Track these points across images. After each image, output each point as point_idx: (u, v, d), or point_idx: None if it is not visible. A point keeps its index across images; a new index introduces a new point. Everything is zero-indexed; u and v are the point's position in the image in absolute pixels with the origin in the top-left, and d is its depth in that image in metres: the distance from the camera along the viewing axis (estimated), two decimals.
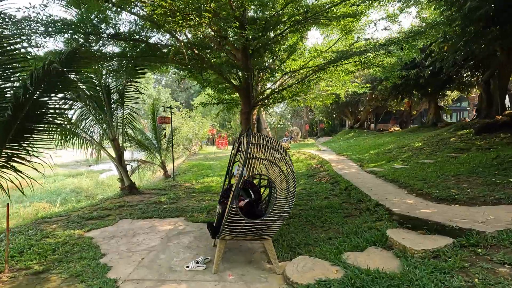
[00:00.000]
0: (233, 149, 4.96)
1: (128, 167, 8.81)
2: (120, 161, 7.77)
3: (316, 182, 7.53)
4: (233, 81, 6.03)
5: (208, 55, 5.91)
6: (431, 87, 13.27)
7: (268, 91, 7.10)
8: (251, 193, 3.93)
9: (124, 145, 8.18)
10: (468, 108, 26.35)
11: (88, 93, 7.27)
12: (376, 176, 7.13)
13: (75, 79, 4.79)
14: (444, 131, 10.09)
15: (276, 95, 6.65)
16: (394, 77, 7.25)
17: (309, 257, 3.47)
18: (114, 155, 7.80)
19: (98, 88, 7.43)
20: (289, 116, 34.91)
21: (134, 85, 8.02)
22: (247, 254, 3.83)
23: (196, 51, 5.20)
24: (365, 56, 6.31)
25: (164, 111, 10.57)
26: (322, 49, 7.92)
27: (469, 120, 15.92)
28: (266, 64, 6.79)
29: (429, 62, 12.29)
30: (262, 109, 12.69)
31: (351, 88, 12.95)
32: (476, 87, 12.80)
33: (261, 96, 6.63)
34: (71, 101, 5.58)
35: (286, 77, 7.20)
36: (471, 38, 6.48)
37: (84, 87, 7.23)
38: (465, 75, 12.18)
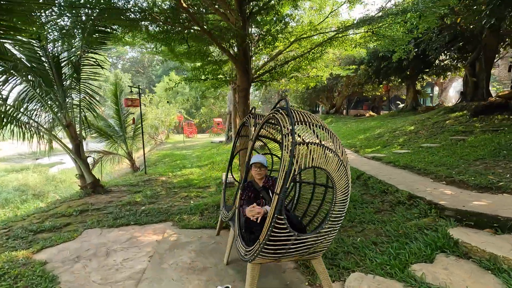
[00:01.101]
0: (238, 135, 3.88)
1: (89, 160, 7.18)
2: (78, 152, 6.19)
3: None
4: (229, 51, 4.82)
5: (196, 14, 4.62)
6: (412, 70, 13.18)
7: (269, 64, 6.00)
8: (270, 193, 2.90)
9: (84, 133, 6.59)
10: (431, 94, 27.65)
11: (29, 65, 5.53)
12: (381, 162, 6.51)
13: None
14: (434, 114, 9.90)
15: (279, 68, 5.59)
16: (400, 51, 6.57)
17: (366, 275, 2.59)
18: (70, 146, 6.20)
19: (43, 58, 5.72)
20: (259, 103, 33.98)
21: (93, 58, 6.39)
22: (276, 273, 2.84)
23: (185, 4, 3.90)
24: (378, 25, 5.49)
25: (131, 91, 8.89)
26: (315, 23, 6.95)
27: (442, 104, 16.35)
28: (261, 31, 5.64)
29: (412, 44, 12.02)
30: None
31: (335, 70, 12.34)
32: (456, 71, 12.97)
33: (261, 71, 5.53)
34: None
35: (283, 49, 6.14)
36: (497, 7, 5.99)
37: (22, 56, 5.50)
38: (448, 58, 12.19)
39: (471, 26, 9.51)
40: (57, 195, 10.53)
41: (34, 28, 4.79)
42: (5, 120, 5.33)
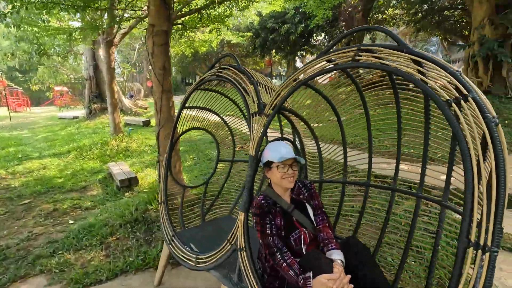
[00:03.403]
0: (184, 106, 2.26)
1: None
2: None
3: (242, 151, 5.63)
4: None
5: None
6: (293, 46, 13.68)
7: (196, 2, 3.99)
8: (308, 210, 1.57)
9: None
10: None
11: None
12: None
13: None
14: (321, 88, 10.59)
15: (211, 9, 3.76)
16: (320, 17, 6.15)
17: None
18: None
19: None
20: (123, 69, 28.38)
21: None
22: None
23: None
24: None
25: None
26: None
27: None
28: None
29: (298, 19, 12.35)
30: (113, 46, 8.39)
31: (228, 36, 11.42)
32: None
33: (186, 8, 3.57)
34: None
35: None
36: None
37: None
38: (326, 37, 13.30)
39: (350, 9, 10.47)
40: None
41: None
42: None
